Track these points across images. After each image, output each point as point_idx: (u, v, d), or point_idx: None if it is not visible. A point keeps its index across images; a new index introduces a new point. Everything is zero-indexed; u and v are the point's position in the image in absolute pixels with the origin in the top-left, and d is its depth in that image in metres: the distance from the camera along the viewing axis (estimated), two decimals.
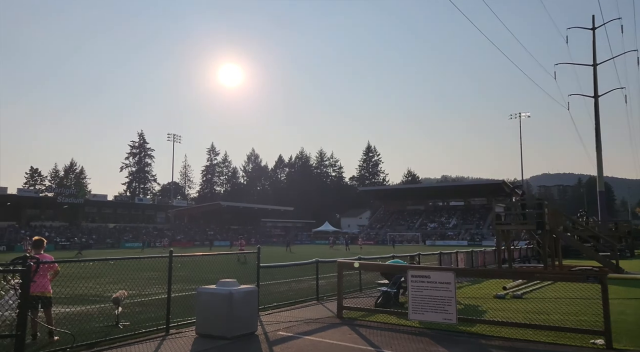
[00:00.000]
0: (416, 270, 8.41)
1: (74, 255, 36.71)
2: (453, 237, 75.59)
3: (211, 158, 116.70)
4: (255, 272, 9.78)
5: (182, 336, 7.66)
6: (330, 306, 10.65)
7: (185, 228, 79.82)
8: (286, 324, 8.55)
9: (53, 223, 65.26)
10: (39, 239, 7.51)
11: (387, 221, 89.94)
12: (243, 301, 7.54)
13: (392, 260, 12.92)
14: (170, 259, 8.08)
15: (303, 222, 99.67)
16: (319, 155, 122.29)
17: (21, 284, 5.99)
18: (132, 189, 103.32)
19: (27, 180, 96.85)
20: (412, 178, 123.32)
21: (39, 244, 7.39)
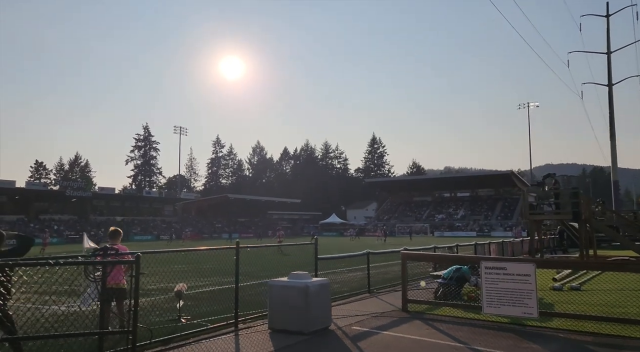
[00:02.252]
0: (491, 261, 8.10)
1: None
2: (461, 228, 75.41)
3: (216, 151, 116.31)
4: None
5: (254, 331, 7.37)
6: (386, 299, 10.38)
7: (193, 221, 79.66)
8: (353, 318, 8.26)
9: (62, 216, 65.11)
10: (115, 229, 7.23)
11: (395, 212, 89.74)
12: (318, 295, 7.24)
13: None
14: (237, 251, 7.77)
15: (309, 215, 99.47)
16: (324, 147, 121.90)
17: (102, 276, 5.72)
18: (137, 182, 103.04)
19: (32, 173, 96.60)
20: (417, 169, 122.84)
21: (115, 235, 7.13)
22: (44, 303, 5.63)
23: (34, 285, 5.36)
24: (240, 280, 10.22)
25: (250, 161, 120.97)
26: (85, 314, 5.62)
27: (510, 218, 74.93)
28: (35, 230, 57.79)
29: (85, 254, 5.78)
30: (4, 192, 61.26)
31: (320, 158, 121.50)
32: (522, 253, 22.48)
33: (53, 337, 4.37)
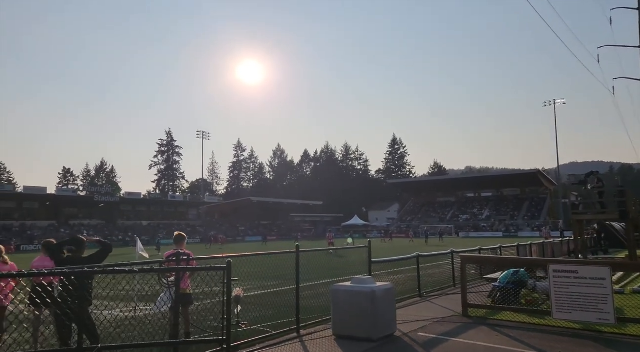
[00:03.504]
0: (560, 264, 7.78)
1: (155, 250, 37.10)
2: (487, 229, 74.19)
3: (238, 154, 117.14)
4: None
5: (318, 337, 7.22)
6: (440, 303, 10.11)
7: (217, 224, 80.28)
8: (415, 323, 8.03)
9: (91, 221, 66.35)
10: (180, 234, 7.19)
11: (418, 213, 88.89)
12: (384, 300, 7.05)
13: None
14: (297, 255, 7.63)
15: (331, 217, 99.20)
16: (344, 149, 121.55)
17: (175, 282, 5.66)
18: (161, 186, 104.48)
19: (60, 180, 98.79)
20: (438, 170, 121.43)
21: (181, 240, 7.08)
22: (114, 308, 5.60)
23: (109, 291, 5.32)
24: (282, 284, 10.13)
25: (271, 164, 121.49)
26: (158, 320, 5.56)
27: (538, 218, 73.41)
28: (66, 235, 59.01)
29: (140, 259, 5.72)
30: (36, 199, 62.80)
31: (341, 160, 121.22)
32: (562, 254, 21.87)
33: (143, 346, 4.28)
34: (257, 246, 48.08)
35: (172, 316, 5.71)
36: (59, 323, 5.36)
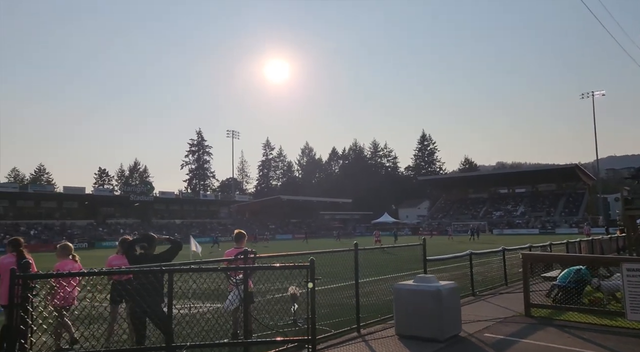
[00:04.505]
0: (634, 263, 7.37)
1: (210, 247, 37.82)
2: (522, 226, 72.30)
3: (267, 153, 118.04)
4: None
5: (380, 336, 7.06)
6: (496, 302, 9.80)
7: (247, 222, 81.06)
8: (477, 323, 7.77)
9: (126, 220, 68.06)
10: (240, 232, 7.16)
11: (449, 210, 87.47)
12: (449, 299, 6.82)
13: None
14: (356, 253, 7.49)
15: (360, 214, 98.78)
16: (372, 146, 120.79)
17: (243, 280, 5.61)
18: (192, 186, 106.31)
19: (97, 180, 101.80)
20: (469, 166, 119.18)
21: (241, 237, 7.06)
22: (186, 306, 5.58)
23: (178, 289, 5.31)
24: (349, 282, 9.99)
25: (299, 162, 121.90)
26: (215, 318, 5.52)
27: (576, 214, 71.11)
28: (104, 234, 60.79)
29: (194, 258, 5.70)
30: (75, 199, 64.86)
31: (369, 157, 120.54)
32: (611, 251, 21.00)
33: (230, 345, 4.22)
34: (297, 244, 48.14)
35: (242, 315, 5.67)
36: (135, 320, 5.40)
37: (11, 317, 3.86)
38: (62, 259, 6.71)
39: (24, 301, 3.89)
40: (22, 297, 3.90)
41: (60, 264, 6.54)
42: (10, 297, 3.87)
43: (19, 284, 3.91)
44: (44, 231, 57.60)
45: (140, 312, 5.39)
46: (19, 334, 3.85)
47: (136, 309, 5.39)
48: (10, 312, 3.84)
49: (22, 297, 3.91)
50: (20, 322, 3.86)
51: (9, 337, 6.70)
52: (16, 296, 3.87)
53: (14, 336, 3.90)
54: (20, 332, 3.86)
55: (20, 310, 3.85)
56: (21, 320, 3.87)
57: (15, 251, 6.95)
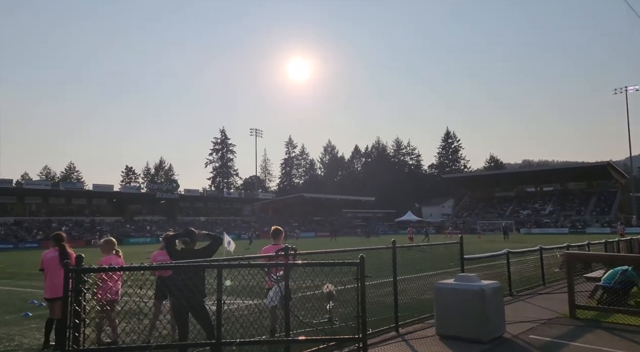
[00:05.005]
0: None
1: (249, 244, 38.30)
2: (550, 225, 70.61)
3: (289, 151, 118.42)
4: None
5: (420, 336, 6.91)
6: (536, 302, 9.52)
7: (271, 220, 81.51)
8: (520, 324, 7.53)
9: (153, 217, 69.28)
10: (278, 228, 7.12)
11: (474, 208, 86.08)
12: (493, 299, 6.62)
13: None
14: (394, 250, 7.35)
15: (383, 212, 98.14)
16: (395, 143, 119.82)
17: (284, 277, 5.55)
18: (216, 183, 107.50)
19: (123, 178, 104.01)
20: (494, 163, 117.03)
21: (278, 234, 7.02)
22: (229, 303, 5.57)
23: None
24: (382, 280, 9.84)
25: (322, 160, 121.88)
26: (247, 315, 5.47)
27: (608, 213, 69.02)
28: (131, 231, 62.00)
29: (227, 255, 5.65)
30: (104, 196, 66.34)
31: (392, 155, 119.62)
32: None
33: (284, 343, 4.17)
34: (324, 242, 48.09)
35: (283, 312, 5.61)
36: (177, 316, 5.40)
37: (65, 311, 3.87)
38: (106, 254, 6.80)
39: (77, 295, 3.90)
40: (76, 291, 3.91)
41: (105, 259, 6.62)
42: (65, 291, 3.89)
43: (73, 278, 3.92)
44: (74, 227, 59.12)
45: (182, 308, 5.38)
46: (73, 328, 3.86)
47: (178, 305, 5.38)
48: (64, 306, 3.86)
49: (76, 290, 3.91)
50: (74, 316, 3.86)
51: (58, 329, 6.85)
52: (70, 289, 3.88)
53: (65, 329, 3.90)
54: (74, 326, 3.87)
55: (74, 303, 3.86)
56: (75, 313, 3.87)
57: (58, 245, 7.09)
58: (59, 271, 6.93)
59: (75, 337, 3.84)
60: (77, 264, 3.95)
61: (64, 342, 3.80)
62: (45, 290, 6.96)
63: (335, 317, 7.94)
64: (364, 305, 4.08)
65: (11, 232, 53.42)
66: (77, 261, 3.96)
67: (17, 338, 7.42)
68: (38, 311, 9.87)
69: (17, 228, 55.01)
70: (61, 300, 6.92)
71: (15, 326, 8.40)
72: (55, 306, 6.86)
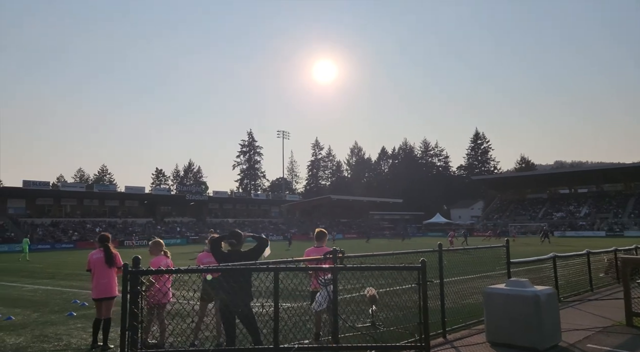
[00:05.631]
0: None
1: (288, 246, 38.60)
2: (586, 228, 68.31)
3: (316, 153, 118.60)
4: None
5: (469, 343, 6.65)
6: (587, 309, 9.09)
7: (298, 222, 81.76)
8: (574, 333, 7.16)
9: (182, 219, 70.43)
10: (322, 230, 7.02)
11: (505, 210, 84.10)
12: (548, 305, 6.32)
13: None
14: (440, 254, 7.13)
15: (411, 215, 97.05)
16: (423, 145, 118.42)
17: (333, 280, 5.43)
18: (243, 185, 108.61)
19: (154, 180, 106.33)
20: (525, 165, 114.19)
21: (322, 236, 6.93)
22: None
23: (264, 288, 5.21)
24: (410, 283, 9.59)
25: (348, 162, 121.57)
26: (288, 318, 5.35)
27: None
28: (162, 232, 63.15)
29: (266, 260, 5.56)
30: (135, 198, 67.84)
31: (420, 156, 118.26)
32: None
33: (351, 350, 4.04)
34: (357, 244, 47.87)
35: (328, 316, 5.48)
36: (224, 320, 5.34)
37: (124, 312, 3.84)
38: (155, 255, 6.83)
39: (134, 297, 3.87)
40: (133, 293, 3.88)
41: (154, 260, 6.65)
42: (123, 293, 3.86)
43: (130, 279, 3.89)
44: (107, 228, 60.64)
45: (229, 311, 5.32)
46: (130, 330, 3.83)
47: (225, 308, 5.32)
48: (123, 308, 3.83)
49: (133, 292, 3.88)
50: (132, 318, 3.83)
51: (104, 329, 6.93)
52: (128, 291, 3.85)
53: (124, 331, 3.88)
54: (132, 328, 3.83)
55: (132, 305, 3.83)
56: (132, 315, 3.84)
57: (103, 246, 7.17)
58: (105, 271, 7.01)
59: (133, 340, 3.80)
60: (135, 265, 3.92)
61: (123, 344, 3.77)
62: (92, 290, 7.05)
63: (378, 321, 7.75)
64: (426, 311, 3.92)
65: (48, 233, 55.20)
66: (134, 262, 3.93)
67: (64, 338, 7.53)
68: (82, 311, 10.06)
69: (53, 229, 56.81)
70: (107, 300, 7.06)
71: (62, 325, 8.55)
72: (101, 306, 6.94)
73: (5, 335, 7.84)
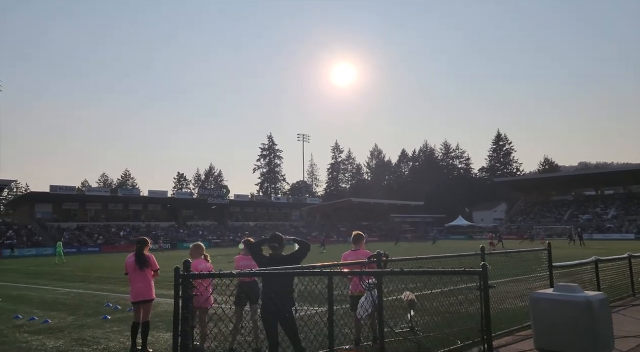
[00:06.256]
0: None
1: (323, 250, 38.70)
2: (614, 230, 66.53)
3: (335, 156, 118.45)
4: None
5: (516, 349, 6.42)
6: (632, 314, 8.72)
7: (319, 225, 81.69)
8: (625, 340, 6.85)
9: (204, 222, 71.05)
10: (359, 233, 6.90)
11: (529, 213, 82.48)
12: (600, 312, 6.04)
13: None
14: (482, 257, 6.91)
15: (432, 217, 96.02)
16: (443, 147, 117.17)
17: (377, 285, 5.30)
18: (263, 189, 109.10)
19: (175, 184, 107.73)
20: (549, 166, 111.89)
21: (360, 239, 6.82)
22: None
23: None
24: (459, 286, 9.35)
25: (368, 165, 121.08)
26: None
27: None
28: (185, 235, 63.82)
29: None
30: (158, 201, 68.77)
31: (441, 158, 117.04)
32: None
33: None
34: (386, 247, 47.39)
35: (374, 321, 5.34)
36: (266, 326, 5.24)
37: (176, 317, 3.77)
38: (196, 258, 6.81)
39: (186, 301, 3.80)
40: (184, 297, 3.81)
41: (194, 264, 6.61)
42: (175, 297, 3.80)
43: (181, 284, 3.82)
44: (131, 232, 61.62)
45: (271, 317, 5.22)
46: (183, 334, 3.76)
47: (267, 314, 5.23)
48: (175, 312, 3.76)
49: (184, 297, 3.81)
50: (184, 323, 3.76)
51: (143, 333, 6.92)
52: (180, 295, 3.79)
53: (176, 336, 3.81)
54: (184, 333, 3.76)
55: (184, 310, 3.76)
56: (184, 320, 3.77)
57: (136, 248, 7.22)
58: (138, 274, 7.02)
59: (184, 345, 3.73)
60: (185, 269, 3.85)
61: (176, 350, 3.69)
62: (130, 294, 7.06)
63: (417, 326, 7.57)
64: (488, 318, 3.75)
65: (74, 237, 56.34)
66: (185, 266, 3.86)
67: (102, 341, 7.56)
68: (116, 314, 10.12)
69: (79, 233, 57.96)
70: (145, 303, 7.05)
71: (98, 329, 8.60)
72: (140, 309, 6.93)
73: (45, 338, 7.92)
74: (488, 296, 3.75)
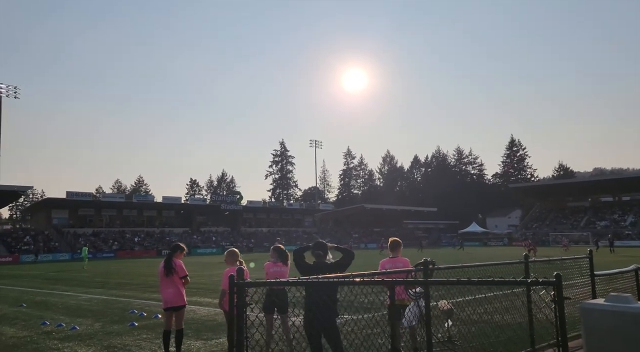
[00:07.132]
0: None
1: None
2: (632, 237, 65.24)
3: (347, 162, 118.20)
4: None
5: None
6: None
7: (331, 231, 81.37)
8: None
9: (218, 228, 71.16)
10: (396, 240, 6.73)
11: (545, 219, 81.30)
12: None
13: None
14: (526, 265, 6.67)
15: (445, 224, 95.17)
16: (456, 152, 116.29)
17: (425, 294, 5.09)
18: (276, 195, 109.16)
19: (188, 190, 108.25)
20: (564, 172, 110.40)
21: (397, 246, 6.66)
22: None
23: None
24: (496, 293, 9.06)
25: (380, 171, 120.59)
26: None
27: None
28: (198, 241, 63.93)
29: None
30: (172, 208, 69.09)
31: (454, 164, 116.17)
32: None
33: None
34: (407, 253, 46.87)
35: (414, 331, 5.13)
36: (310, 337, 5.06)
37: (231, 328, 3.61)
38: (231, 265, 6.67)
39: (241, 310, 3.63)
40: (239, 306, 3.65)
41: (228, 271, 6.48)
42: (230, 306, 3.66)
43: (236, 292, 3.66)
44: (146, 237, 61.91)
45: (314, 328, 5.04)
46: (238, 347, 3.59)
47: (310, 325, 5.05)
48: (229, 323, 3.60)
49: (239, 305, 3.65)
50: (239, 333, 3.60)
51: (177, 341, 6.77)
52: (235, 305, 3.63)
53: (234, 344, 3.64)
54: (239, 344, 3.60)
55: (239, 320, 3.59)
56: (239, 330, 3.60)
57: (167, 255, 7.11)
58: (166, 281, 6.89)
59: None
60: (239, 277, 3.69)
61: None
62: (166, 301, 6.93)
63: (455, 337, 7.33)
64: (564, 332, 3.52)
65: (90, 243, 56.77)
66: (238, 274, 3.70)
67: (134, 349, 7.43)
68: (142, 321, 10.00)
69: (95, 239, 58.37)
70: (176, 311, 6.91)
71: (127, 336, 8.48)
72: (171, 317, 6.80)
73: (75, 345, 7.82)
74: (563, 308, 3.52)
